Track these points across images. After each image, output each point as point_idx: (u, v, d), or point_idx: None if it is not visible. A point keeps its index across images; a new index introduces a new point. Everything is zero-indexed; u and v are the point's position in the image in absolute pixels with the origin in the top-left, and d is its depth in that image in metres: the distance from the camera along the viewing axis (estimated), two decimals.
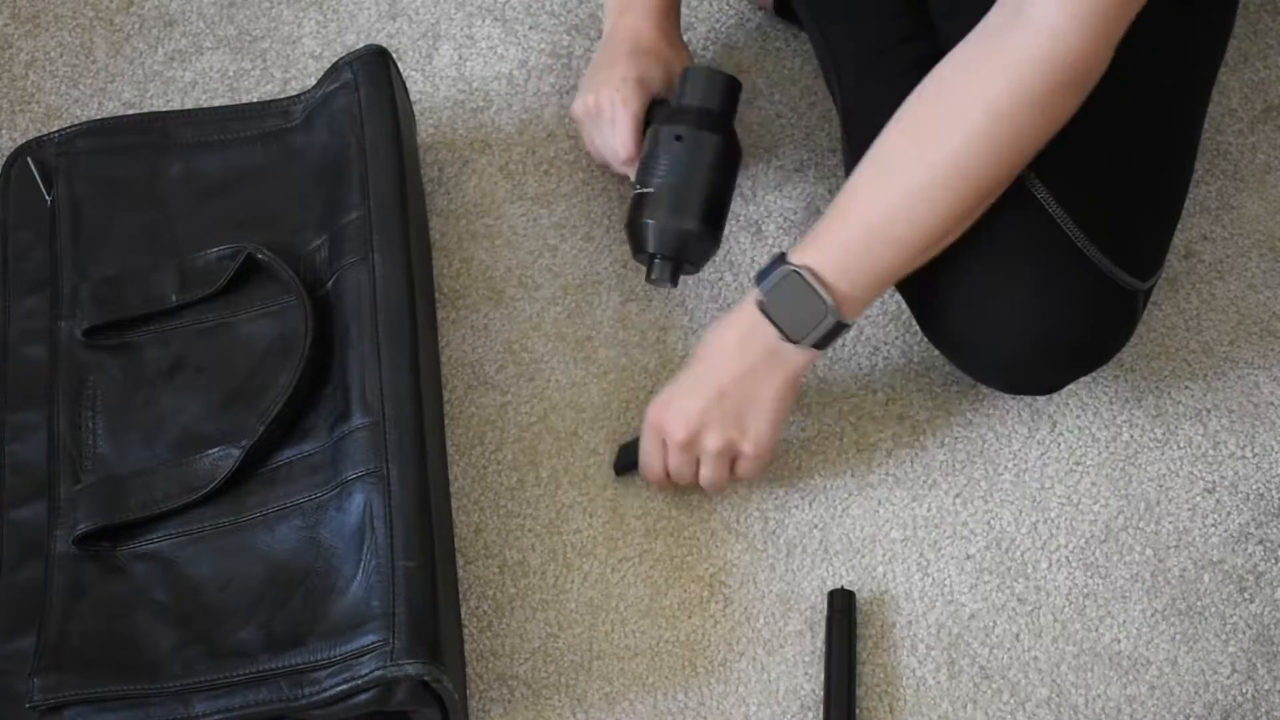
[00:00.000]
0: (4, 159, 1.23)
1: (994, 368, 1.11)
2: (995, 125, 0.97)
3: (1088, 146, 1.04)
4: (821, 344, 1.04)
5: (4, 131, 1.31)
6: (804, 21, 1.19)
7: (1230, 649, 1.12)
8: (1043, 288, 1.03)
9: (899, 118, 1.01)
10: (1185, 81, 1.10)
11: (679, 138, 1.13)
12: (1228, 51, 1.19)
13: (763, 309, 1.03)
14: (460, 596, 1.12)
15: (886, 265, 1.02)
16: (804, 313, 1.02)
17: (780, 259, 1.03)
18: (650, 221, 1.12)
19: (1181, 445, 1.18)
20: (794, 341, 1.03)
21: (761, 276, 1.04)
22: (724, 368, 1.06)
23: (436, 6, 1.37)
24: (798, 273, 1.01)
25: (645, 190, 1.13)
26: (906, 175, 1.00)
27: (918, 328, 1.16)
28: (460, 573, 1.13)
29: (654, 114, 1.17)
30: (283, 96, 1.29)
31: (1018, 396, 1.18)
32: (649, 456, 1.11)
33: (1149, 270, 1.07)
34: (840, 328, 1.03)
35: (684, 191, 1.12)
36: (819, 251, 1.02)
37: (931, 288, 1.08)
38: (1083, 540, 1.15)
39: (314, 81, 1.24)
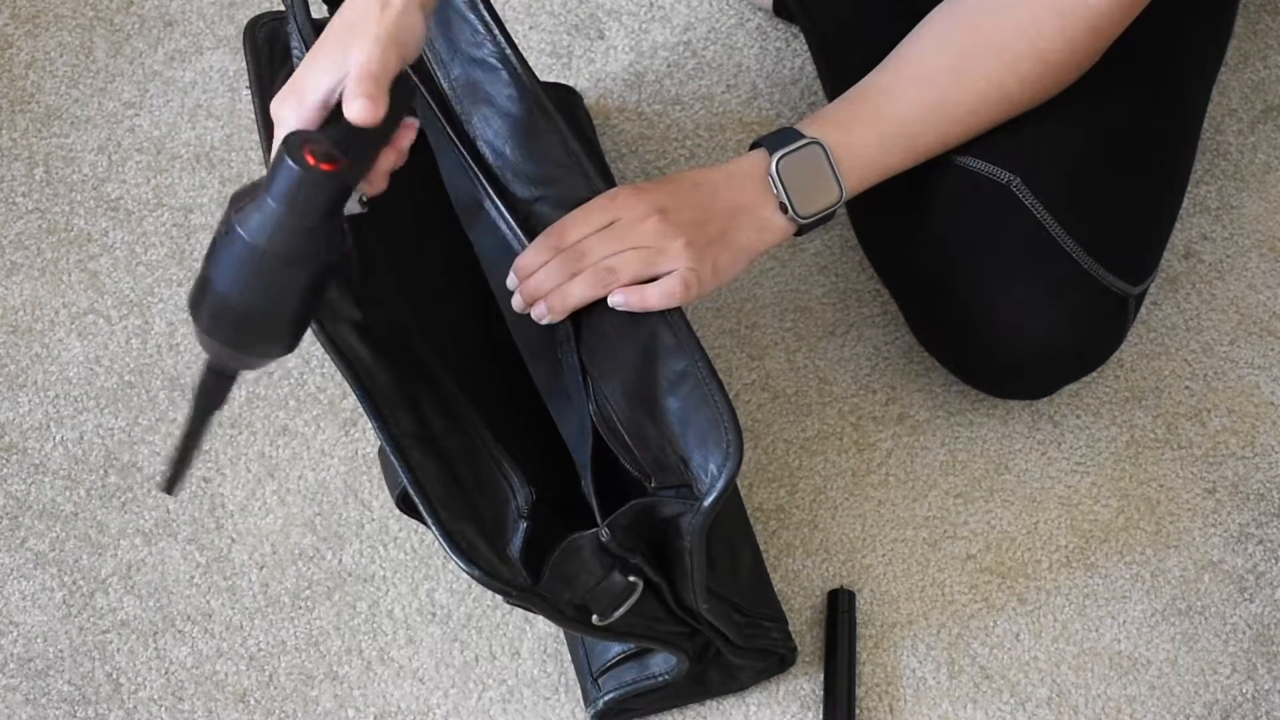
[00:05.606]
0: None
1: (983, 372, 1.10)
2: (1044, 71, 1.00)
3: (1078, 152, 1.04)
4: (807, 228, 0.97)
5: (4, 132, 1.31)
6: (795, 13, 1.19)
7: (1230, 649, 1.12)
8: (1032, 293, 1.03)
9: (938, 38, 1.00)
10: (1180, 89, 1.10)
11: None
12: (1228, 52, 1.19)
13: (778, 172, 0.95)
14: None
15: (895, 165, 1.00)
16: (815, 188, 0.95)
17: (791, 131, 0.96)
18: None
19: (1181, 445, 1.18)
20: (794, 213, 0.95)
21: (774, 142, 0.96)
22: (710, 198, 0.94)
23: None
24: (822, 148, 0.96)
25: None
26: (945, 94, 1.00)
27: None
28: None
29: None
30: None
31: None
32: (568, 223, 0.91)
33: (1141, 275, 1.06)
34: (829, 217, 0.98)
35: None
36: (846, 135, 0.97)
37: (922, 292, 1.08)
38: (1083, 540, 1.15)
39: None
